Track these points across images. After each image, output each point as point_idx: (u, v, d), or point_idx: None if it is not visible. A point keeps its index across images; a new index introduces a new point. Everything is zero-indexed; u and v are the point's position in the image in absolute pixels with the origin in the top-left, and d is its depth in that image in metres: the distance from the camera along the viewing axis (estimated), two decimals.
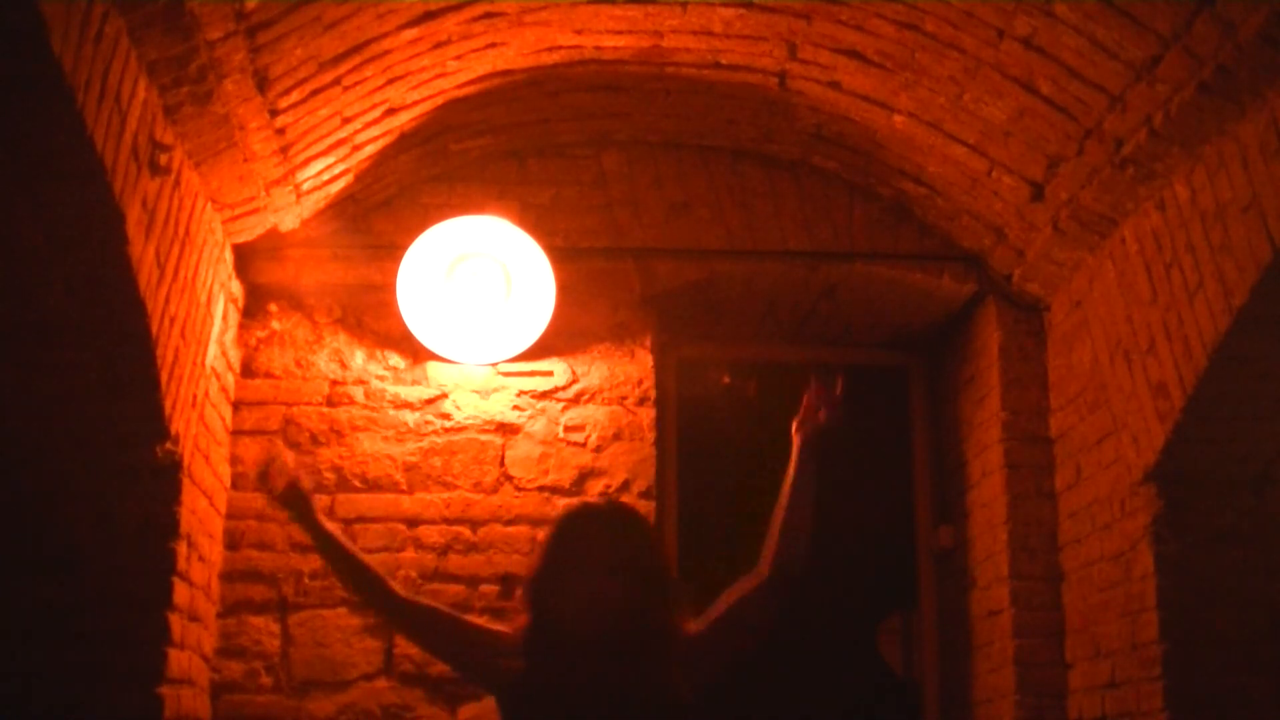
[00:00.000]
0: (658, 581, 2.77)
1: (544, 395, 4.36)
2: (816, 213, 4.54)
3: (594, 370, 4.39)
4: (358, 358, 4.33)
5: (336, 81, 3.55)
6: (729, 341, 4.99)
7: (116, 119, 2.81)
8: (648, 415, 4.37)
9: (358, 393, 4.29)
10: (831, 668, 4.92)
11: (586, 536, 2.76)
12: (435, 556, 4.18)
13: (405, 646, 4.07)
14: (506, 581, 4.13)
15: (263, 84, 3.32)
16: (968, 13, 3.41)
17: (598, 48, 3.89)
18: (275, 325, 4.32)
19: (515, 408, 4.34)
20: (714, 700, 2.90)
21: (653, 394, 4.40)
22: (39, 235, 2.95)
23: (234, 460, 4.18)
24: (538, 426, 4.33)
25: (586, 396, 4.37)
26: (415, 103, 3.91)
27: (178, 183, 3.33)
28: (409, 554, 4.16)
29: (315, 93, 3.53)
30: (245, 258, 4.19)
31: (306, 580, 4.12)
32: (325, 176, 4.01)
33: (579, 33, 3.80)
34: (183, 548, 3.58)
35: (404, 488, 4.23)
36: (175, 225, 3.35)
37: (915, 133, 4.07)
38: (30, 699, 3.33)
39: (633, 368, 4.40)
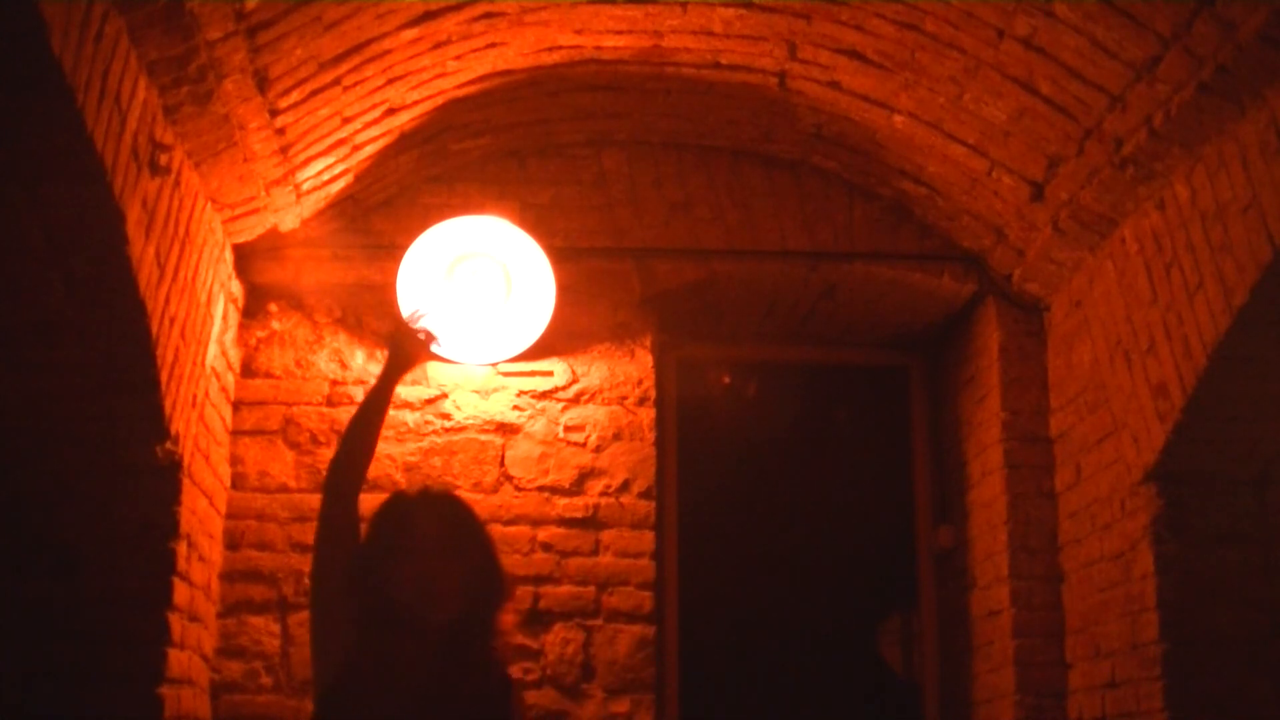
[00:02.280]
0: (485, 571, 2.64)
1: (544, 395, 4.36)
2: (816, 213, 4.54)
3: (594, 370, 4.39)
4: (358, 358, 4.33)
5: (336, 81, 3.55)
6: (729, 341, 4.99)
7: (116, 119, 2.81)
8: (648, 415, 4.37)
9: (358, 393, 4.29)
10: (831, 668, 4.92)
11: (419, 521, 2.64)
12: None
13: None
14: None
15: (263, 84, 3.32)
16: (968, 13, 3.41)
17: (598, 48, 3.89)
18: (275, 325, 4.32)
19: (515, 408, 4.34)
20: (714, 699, 2.88)
21: (653, 394, 4.40)
22: (39, 235, 2.95)
23: (234, 460, 4.19)
24: (538, 426, 4.33)
25: (586, 396, 4.37)
26: (415, 103, 3.91)
27: (178, 183, 3.33)
28: None
29: (315, 93, 3.53)
30: (245, 258, 4.19)
31: (306, 580, 4.11)
32: (325, 176, 4.01)
33: (579, 33, 3.80)
34: (183, 548, 3.59)
35: (404, 487, 4.22)
36: (175, 225, 3.35)
37: (915, 133, 4.08)
38: (30, 699, 3.33)
39: (633, 368, 4.40)
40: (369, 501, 4.15)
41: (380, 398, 2.92)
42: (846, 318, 4.83)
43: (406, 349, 2.99)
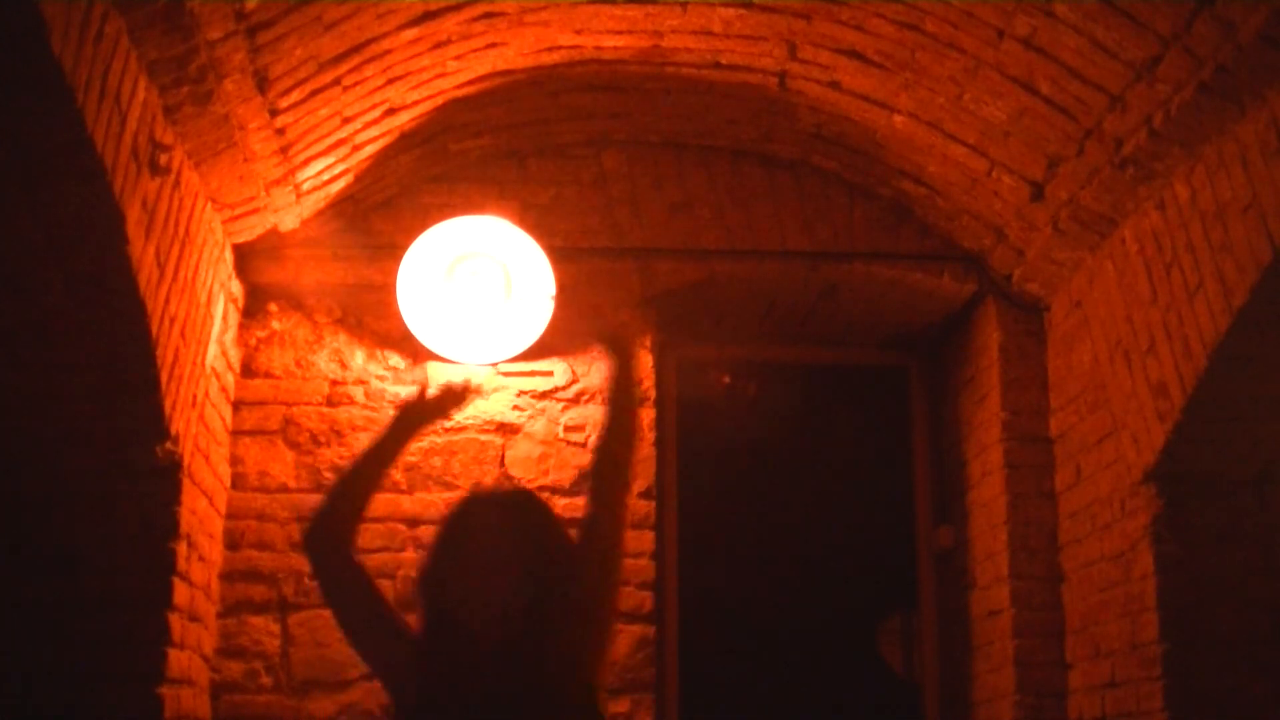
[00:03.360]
0: (559, 576, 2.48)
1: (544, 395, 4.36)
2: (816, 213, 4.54)
3: (594, 370, 4.39)
4: (358, 358, 4.33)
5: (336, 81, 3.55)
6: (729, 341, 4.99)
7: (116, 119, 2.81)
8: (648, 415, 4.37)
9: (358, 393, 4.29)
10: (831, 668, 4.92)
11: (480, 528, 2.50)
12: None
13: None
14: None
15: (263, 84, 3.32)
16: (968, 13, 3.41)
17: (598, 48, 3.89)
18: (275, 325, 4.32)
19: (515, 408, 4.34)
20: (714, 699, 2.86)
21: (653, 394, 4.40)
22: (39, 235, 2.95)
23: (234, 460, 4.19)
24: (538, 426, 4.33)
25: (586, 396, 4.37)
26: (415, 103, 3.91)
27: (178, 183, 3.33)
28: (409, 554, 4.16)
29: (315, 93, 3.53)
30: (245, 258, 4.19)
31: (306, 580, 4.11)
32: (325, 176, 4.01)
33: (579, 33, 3.80)
34: (183, 548, 3.58)
35: (404, 487, 4.23)
36: (175, 225, 3.35)
37: (915, 133, 4.07)
38: (30, 699, 3.33)
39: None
40: (372, 501, 4.18)
41: (403, 428, 2.78)
42: (846, 318, 4.83)
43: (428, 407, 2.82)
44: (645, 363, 4.42)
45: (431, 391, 2.85)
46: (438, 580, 2.47)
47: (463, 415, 4.31)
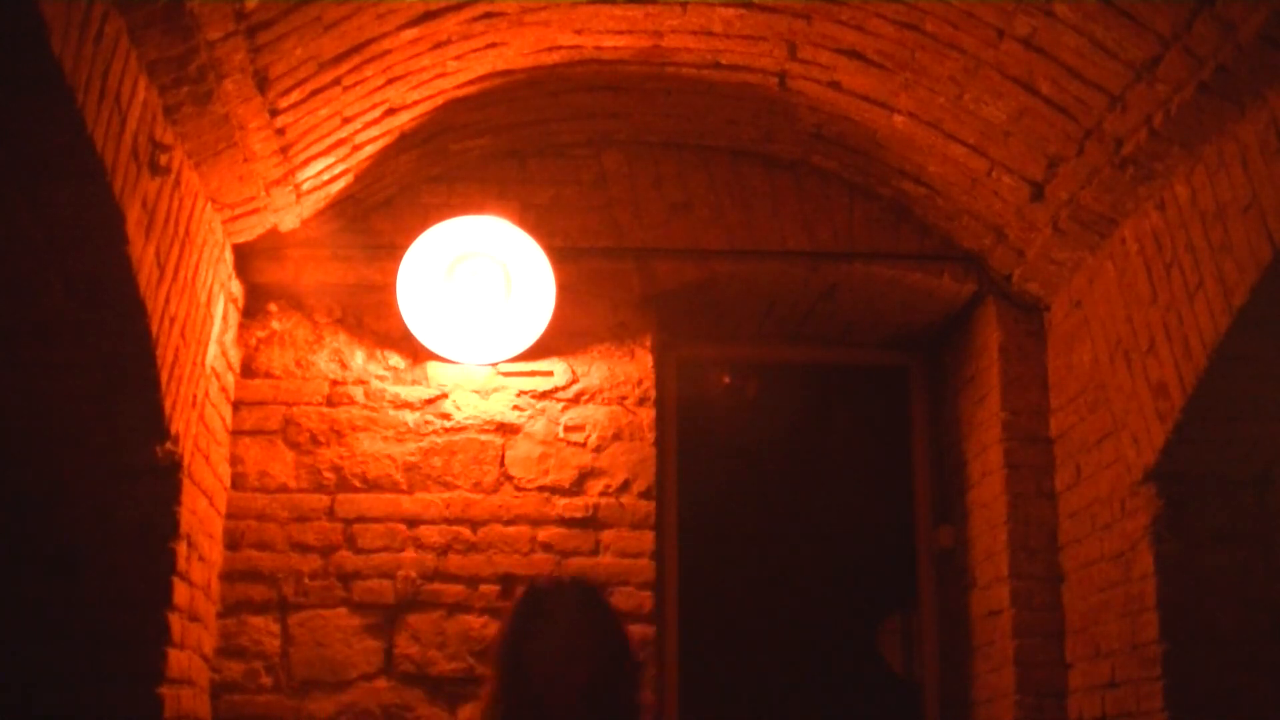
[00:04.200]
0: (625, 657, 2.83)
1: (544, 395, 4.36)
2: (816, 213, 4.54)
3: (594, 370, 4.39)
4: (358, 358, 4.33)
5: (336, 81, 3.55)
6: (729, 341, 4.99)
7: (116, 119, 2.81)
8: (648, 415, 4.37)
9: (358, 393, 4.29)
10: (831, 668, 4.92)
11: (557, 608, 2.82)
12: (435, 556, 4.18)
13: (405, 646, 4.08)
14: (506, 581, 4.14)
15: (263, 84, 3.32)
16: (968, 13, 3.41)
17: (598, 48, 3.89)
18: (275, 325, 4.32)
19: (515, 408, 4.34)
20: (714, 700, 2.94)
21: (653, 394, 4.40)
22: (39, 235, 2.95)
23: (234, 460, 4.19)
24: (538, 426, 4.33)
25: (586, 396, 4.37)
26: (415, 103, 3.91)
27: (178, 183, 3.33)
28: (409, 554, 4.16)
29: (315, 93, 3.53)
30: (245, 258, 4.19)
31: (306, 580, 4.12)
32: (325, 176, 4.01)
33: (579, 33, 3.80)
34: (183, 548, 3.59)
35: (404, 488, 4.23)
36: (175, 225, 3.35)
37: (915, 133, 4.07)
38: (30, 699, 3.33)
39: (633, 368, 4.40)
40: (372, 501, 4.19)
41: None
42: (846, 318, 4.83)
43: None
44: (645, 363, 4.42)
45: None
46: (516, 659, 2.79)
47: (463, 415, 4.31)
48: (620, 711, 2.77)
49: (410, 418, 4.28)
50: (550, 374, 4.38)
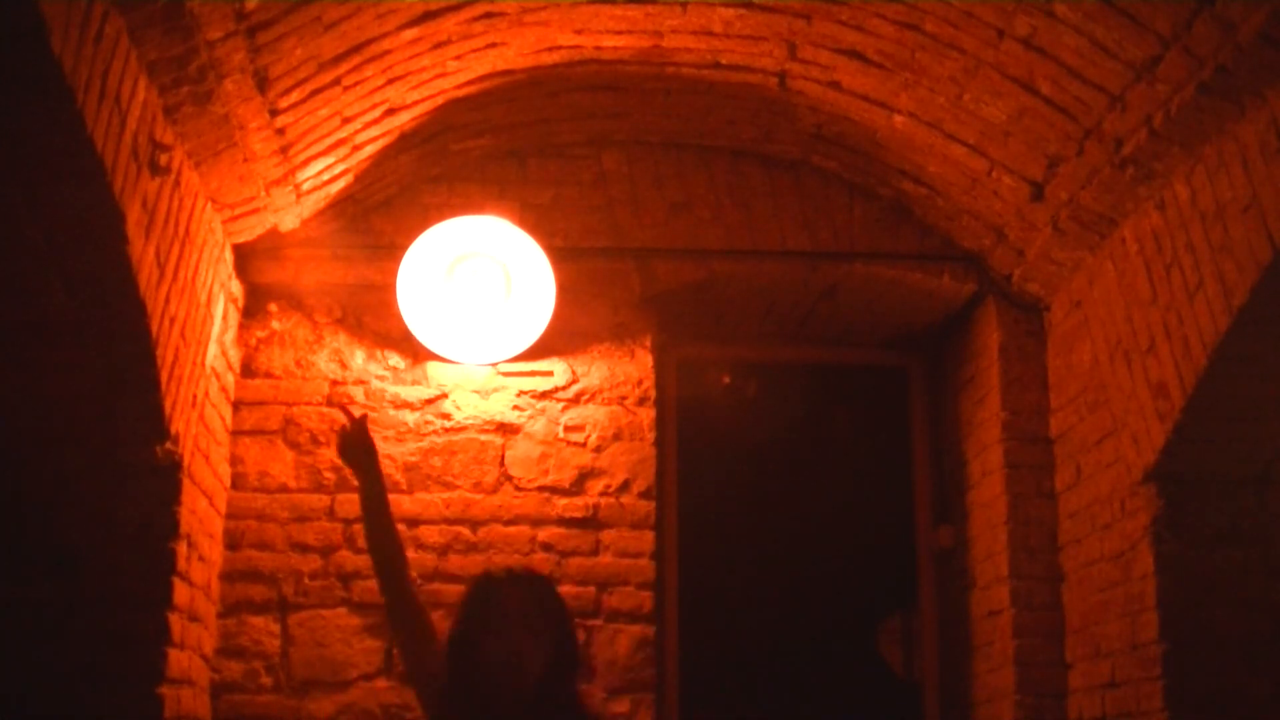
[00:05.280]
0: (571, 648, 2.91)
1: (544, 395, 4.36)
2: (816, 213, 4.54)
3: (594, 370, 4.39)
4: (358, 358, 4.33)
5: (336, 81, 3.55)
6: (729, 341, 4.99)
7: (116, 119, 2.81)
8: (648, 415, 4.37)
9: (358, 393, 4.29)
10: (831, 668, 4.92)
11: (507, 598, 2.88)
12: (435, 556, 4.18)
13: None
14: None
15: (263, 84, 3.32)
16: (968, 13, 3.41)
17: (598, 48, 3.89)
18: (275, 325, 4.32)
19: (515, 408, 4.34)
20: (714, 699, 2.95)
21: (653, 394, 4.40)
22: (39, 235, 2.95)
23: (234, 460, 4.19)
24: (538, 426, 4.33)
25: (586, 396, 4.37)
26: (415, 103, 3.91)
27: (178, 183, 3.33)
28: (409, 554, 4.12)
29: (315, 93, 3.53)
30: (245, 258, 4.19)
31: (306, 580, 4.12)
32: (325, 176, 4.01)
33: (579, 33, 3.80)
34: (183, 548, 3.59)
35: (404, 488, 4.23)
36: (175, 225, 3.35)
37: (915, 133, 4.08)
38: (30, 699, 3.33)
39: (633, 368, 4.40)
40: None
41: (372, 488, 3.21)
42: (846, 318, 4.83)
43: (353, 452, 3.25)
44: (645, 363, 4.42)
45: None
46: (470, 640, 2.87)
47: (463, 415, 4.31)
48: (566, 702, 2.86)
49: (410, 418, 4.29)
50: (550, 374, 4.38)
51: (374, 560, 3.17)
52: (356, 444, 3.23)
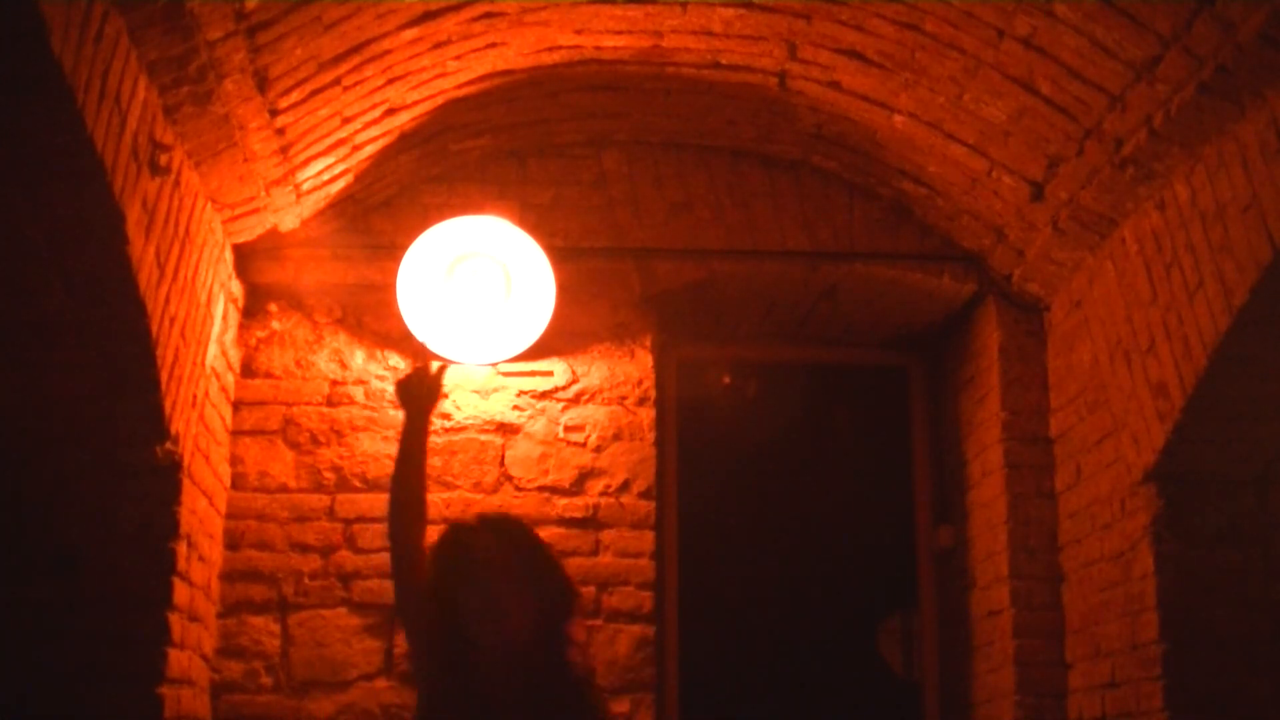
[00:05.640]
0: (556, 592, 2.73)
1: (544, 395, 4.36)
2: (816, 213, 4.54)
3: (594, 370, 4.39)
4: (358, 358, 4.33)
5: (336, 81, 3.55)
6: (729, 341, 4.99)
7: (116, 119, 2.81)
8: (648, 415, 4.37)
9: (358, 393, 4.29)
10: (831, 668, 4.92)
11: (480, 546, 2.72)
12: None
13: (405, 646, 4.07)
14: None
15: (263, 84, 3.32)
16: (968, 13, 3.41)
17: (598, 48, 3.89)
18: (275, 325, 4.32)
19: (515, 408, 4.34)
20: (714, 699, 2.93)
21: (653, 394, 4.40)
22: (39, 235, 2.95)
23: (234, 460, 4.19)
24: (538, 426, 4.33)
25: (586, 396, 4.37)
26: (415, 103, 3.91)
27: (178, 183, 3.33)
28: None
29: (315, 93, 3.53)
30: (245, 258, 4.19)
31: (306, 580, 4.12)
32: (325, 176, 4.01)
33: (579, 33, 3.80)
34: (183, 548, 3.59)
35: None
36: (175, 225, 3.35)
37: (915, 133, 4.07)
38: (30, 699, 3.33)
39: (633, 368, 4.40)
40: (372, 501, 4.19)
41: (416, 438, 3.00)
42: (846, 318, 4.83)
43: (419, 389, 3.05)
44: (645, 363, 4.42)
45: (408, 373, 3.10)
46: (446, 595, 2.69)
47: (463, 415, 4.31)
48: (553, 650, 2.67)
49: None
50: (550, 374, 4.38)
51: (392, 501, 2.94)
52: (423, 389, 3.03)
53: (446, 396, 3.09)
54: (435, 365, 3.15)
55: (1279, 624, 3.73)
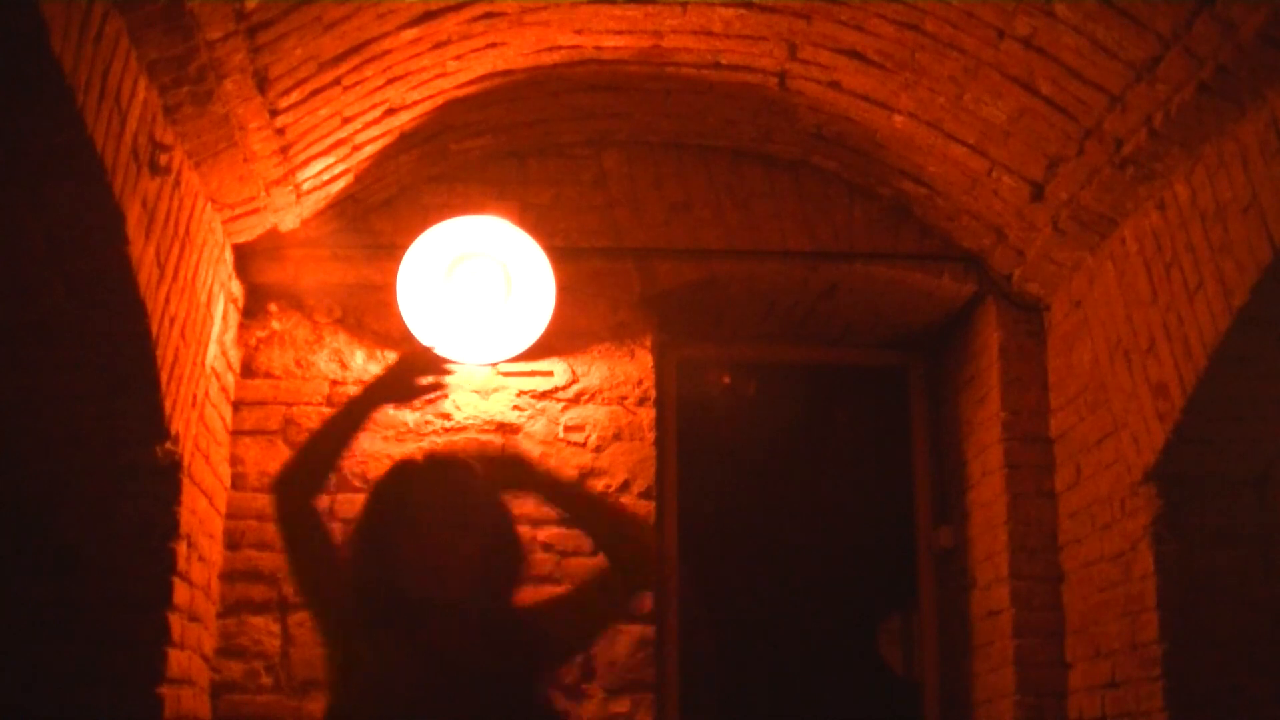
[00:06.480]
0: (508, 550, 2.47)
1: (544, 395, 4.36)
2: (816, 213, 4.54)
3: (594, 370, 4.39)
4: (358, 358, 4.33)
5: (336, 81, 3.55)
6: (729, 341, 4.99)
7: (116, 119, 2.81)
8: (648, 415, 4.37)
9: (358, 393, 4.29)
10: (831, 667, 4.92)
11: (426, 487, 2.43)
12: None
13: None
14: None
15: (263, 84, 3.32)
16: (968, 13, 3.41)
17: (598, 48, 3.89)
18: (275, 325, 4.32)
19: (515, 408, 4.34)
20: (714, 699, 2.89)
21: (653, 394, 4.40)
22: (39, 235, 2.95)
23: (234, 460, 4.18)
24: (538, 426, 4.33)
25: (586, 396, 4.37)
26: (415, 103, 3.91)
27: (178, 183, 3.33)
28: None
29: (315, 93, 3.53)
30: (245, 258, 4.19)
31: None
32: (325, 176, 4.01)
33: (579, 33, 3.80)
34: (183, 548, 3.58)
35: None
36: (175, 225, 3.35)
37: (915, 133, 4.07)
38: (30, 699, 3.33)
39: (633, 368, 4.40)
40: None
41: (364, 408, 2.79)
42: (846, 318, 4.83)
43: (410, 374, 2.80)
44: (645, 363, 4.42)
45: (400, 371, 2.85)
46: (388, 540, 2.42)
47: (463, 415, 4.31)
48: (506, 616, 2.40)
49: (410, 418, 4.28)
50: (550, 374, 4.38)
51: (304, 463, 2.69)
52: (413, 385, 2.75)
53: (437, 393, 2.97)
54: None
55: (1279, 624, 3.73)
